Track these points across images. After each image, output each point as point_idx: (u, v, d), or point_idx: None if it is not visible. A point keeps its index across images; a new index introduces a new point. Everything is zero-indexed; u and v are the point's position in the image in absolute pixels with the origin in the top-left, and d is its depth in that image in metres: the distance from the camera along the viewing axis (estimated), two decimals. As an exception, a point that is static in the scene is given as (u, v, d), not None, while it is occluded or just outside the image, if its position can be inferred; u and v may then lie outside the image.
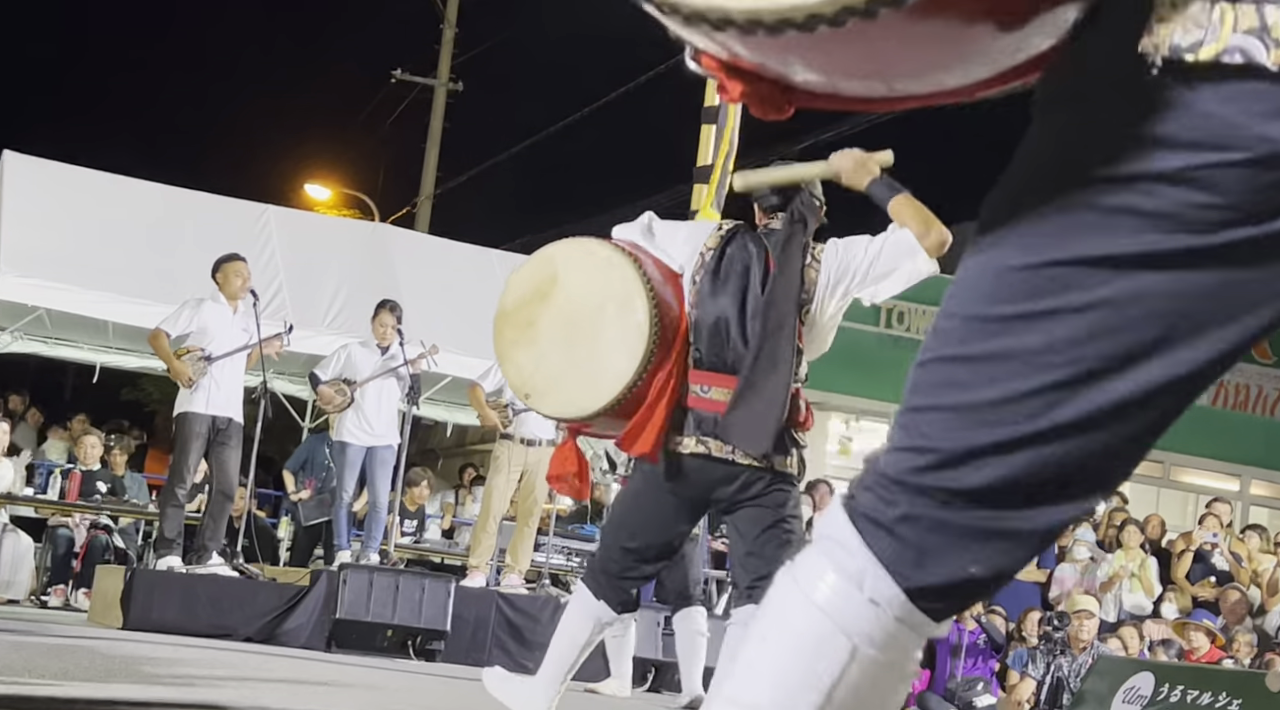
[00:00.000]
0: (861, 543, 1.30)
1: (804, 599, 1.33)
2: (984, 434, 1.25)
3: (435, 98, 22.80)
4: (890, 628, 1.30)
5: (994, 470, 1.25)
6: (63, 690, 4.33)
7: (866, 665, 1.31)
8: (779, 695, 1.32)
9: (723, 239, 4.49)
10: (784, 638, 1.34)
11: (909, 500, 1.29)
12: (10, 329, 12.09)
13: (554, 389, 4.34)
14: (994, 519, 1.27)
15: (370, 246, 13.16)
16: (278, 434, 17.04)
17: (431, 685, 7.08)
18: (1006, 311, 1.24)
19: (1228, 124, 1.14)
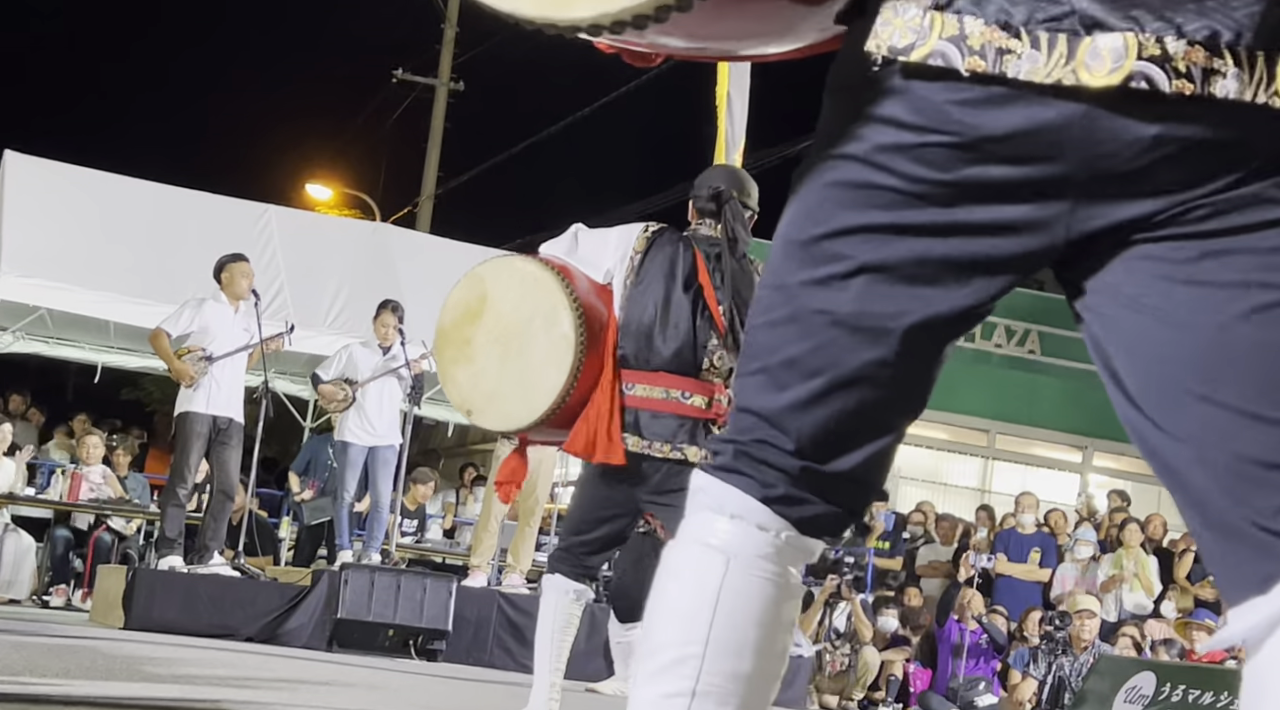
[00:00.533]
0: (715, 480, 1.51)
1: (683, 542, 1.52)
2: (786, 395, 1.47)
3: (436, 97, 22.80)
4: (755, 536, 1.48)
5: (801, 427, 1.47)
6: (64, 690, 4.34)
7: (742, 573, 1.47)
8: (679, 624, 1.48)
9: (649, 240, 4.62)
10: (673, 578, 1.51)
11: (741, 447, 1.50)
12: (12, 329, 12.10)
13: (491, 404, 4.55)
14: (815, 467, 1.49)
15: (371, 246, 13.16)
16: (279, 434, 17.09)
17: (433, 685, 7.09)
18: (791, 281, 1.48)
19: (938, 110, 1.38)
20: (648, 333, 4.51)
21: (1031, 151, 1.37)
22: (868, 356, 1.46)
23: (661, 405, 4.49)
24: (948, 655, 11.10)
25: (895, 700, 11.02)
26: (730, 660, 1.46)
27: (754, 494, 1.49)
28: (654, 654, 1.50)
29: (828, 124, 1.49)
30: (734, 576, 1.47)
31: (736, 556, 1.48)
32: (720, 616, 1.46)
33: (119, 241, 11.63)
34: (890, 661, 11.02)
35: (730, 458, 1.51)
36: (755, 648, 1.48)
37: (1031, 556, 12.04)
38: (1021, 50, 1.35)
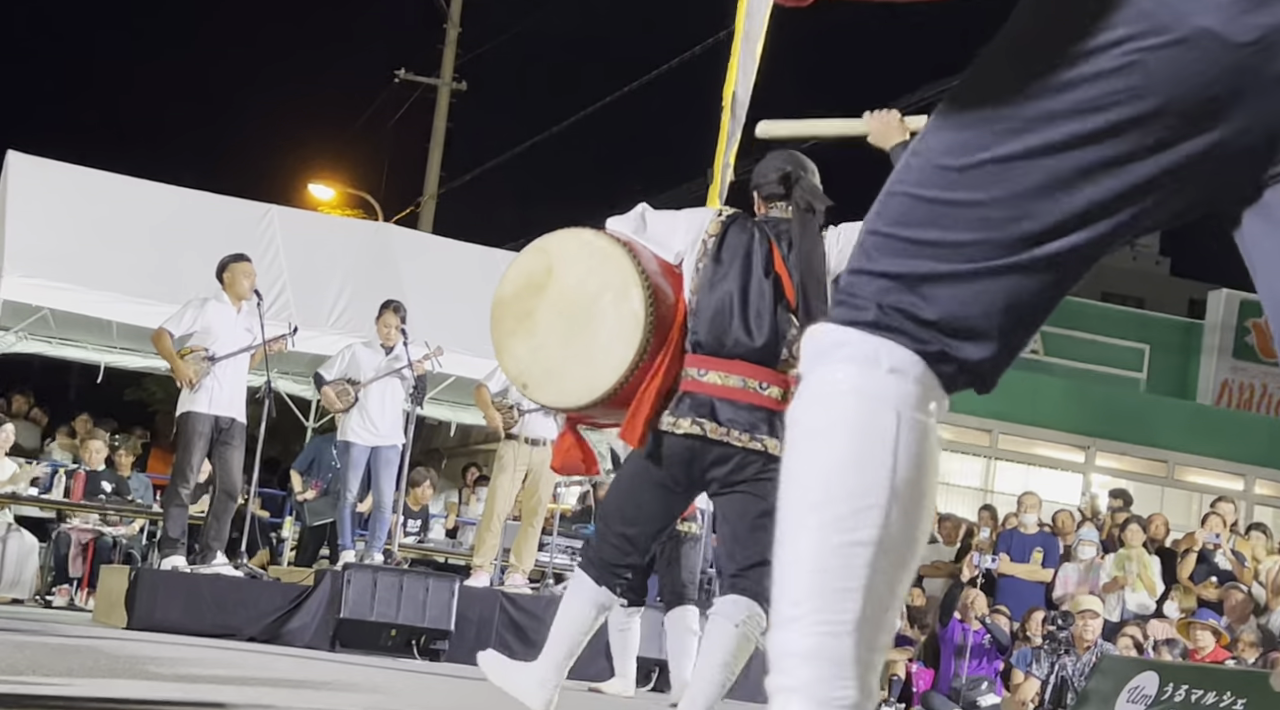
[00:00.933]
0: (860, 332, 1.45)
1: (834, 392, 1.45)
2: (927, 266, 1.43)
3: (439, 97, 22.81)
4: (914, 392, 1.44)
5: (943, 303, 1.43)
6: (67, 690, 4.34)
7: (912, 429, 1.44)
8: (858, 473, 1.43)
9: (723, 225, 4.54)
10: (837, 429, 1.44)
11: (878, 306, 1.45)
12: (15, 329, 12.11)
13: (551, 379, 4.39)
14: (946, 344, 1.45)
15: (374, 246, 13.16)
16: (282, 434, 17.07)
17: (435, 685, 7.09)
18: (963, 162, 1.40)
19: (1170, 7, 1.28)
20: (725, 320, 4.41)
21: (1266, 57, 1.29)
22: (1025, 256, 1.41)
23: (739, 394, 4.38)
24: (950, 655, 11.09)
25: (898, 700, 11.01)
26: (907, 511, 1.44)
27: (910, 348, 1.44)
28: (827, 504, 1.44)
29: (1031, 22, 1.40)
30: (907, 430, 1.44)
31: (904, 410, 1.44)
32: (901, 469, 1.43)
33: (122, 242, 11.64)
34: (893, 661, 11.02)
35: (874, 313, 1.45)
36: (924, 498, 1.47)
37: (1034, 556, 12.03)
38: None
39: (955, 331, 1.44)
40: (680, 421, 4.37)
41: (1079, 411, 16.74)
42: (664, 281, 4.42)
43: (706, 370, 4.40)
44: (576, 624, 4.53)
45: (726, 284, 4.44)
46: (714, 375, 4.39)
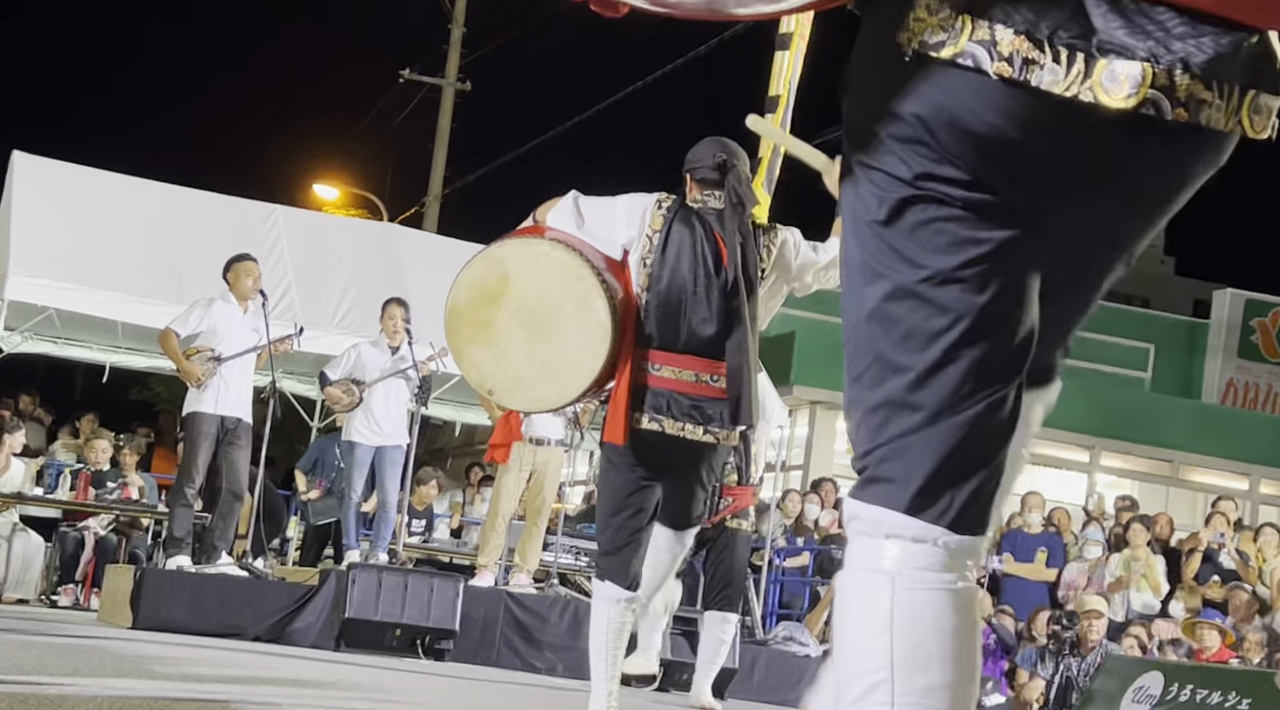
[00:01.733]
0: (863, 504, 1.55)
1: (850, 571, 1.56)
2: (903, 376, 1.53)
3: (443, 97, 22.81)
4: (912, 550, 1.51)
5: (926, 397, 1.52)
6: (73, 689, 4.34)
7: (909, 591, 1.49)
8: (860, 654, 1.51)
9: (665, 218, 4.61)
10: (848, 610, 1.56)
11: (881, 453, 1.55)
12: (20, 329, 12.12)
13: (518, 387, 4.57)
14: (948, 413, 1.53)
15: (378, 246, 13.17)
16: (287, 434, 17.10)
17: (440, 685, 7.09)
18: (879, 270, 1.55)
19: (961, 104, 1.46)
20: (675, 315, 4.53)
21: (1035, 156, 1.47)
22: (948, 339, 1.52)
23: (692, 388, 4.52)
24: (955, 655, 11.08)
25: (902, 700, 11.01)
26: (919, 676, 1.48)
27: (898, 504, 1.52)
28: (848, 687, 1.52)
29: (863, 101, 1.56)
30: (902, 595, 1.50)
31: (900, 574, 1.51)
32: (898, 637, 1.48)
33: (127, 242, 11.65)
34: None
35: (873, 467, 1.56)
36: (941, 657, 1.49)
37: (1038, 556, 12.03)
38: (1044, 62, 1.43)
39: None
40: (641, 417, 4.51)
41: (1084, 411, 16.71)
42: (614, 280, 4.56)
43: (660, 365, 4.53)
44: (609, 628, 4.59)
45: (675, 279, 4.54)
46: (667, 370, 4.53)
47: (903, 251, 1.51)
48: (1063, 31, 1.43)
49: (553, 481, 9.70)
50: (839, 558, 11.30)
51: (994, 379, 1.52)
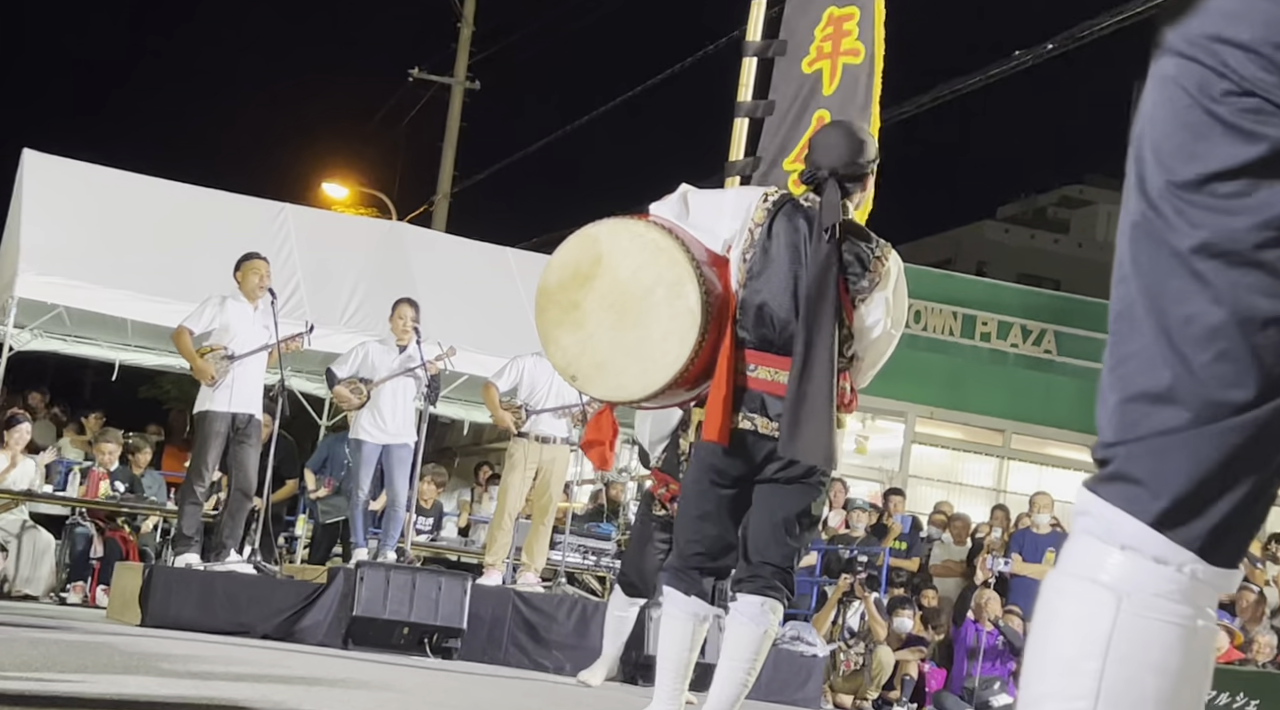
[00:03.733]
0: (1099, 499, 1.33)
1: (1065, 575, 1.35)
2: (1196, 370, 1.30)
3: (453, 96, 22.83)
4: (1148, 569, 1.29)
5: (1207, 389, 1.29)
6: (82, 686, 4.35)
7: (1136, 616, 1.29)
8: (1063, 675, 1.31)
9: (769, 212, 4.43)
10: (1055, 619, 1.34)
11: (1129, 446, 1.33)
12: (30, 327, 12.14)
13: (603, 373, 4.34)
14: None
15: (387, 245, 13.18)
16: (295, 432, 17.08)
17: (448, 683, 7.10)
18: (1182, 245, 1.30)
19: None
20: (773, 315, 4.35)
21: None
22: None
23: (785, 389, 4.30)
24: (963, 656, 11.08)
25: (910, 700, 11.01)
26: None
27: (1144, 513, 1.30)
28: (1036, 704, 1.35)
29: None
30: (1127, 620, 1.29)
31: (1130, 596, 1.30)
32: (1111, 666, 1.29)
33: (136, 240, 11.67)
34: (905, 661, 11.01)
35: (1120, 463, 1.33)
36: (1158, 701, 1.29)
37: (1047, 557, 12.02)
38: None
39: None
40: (735, 418, 4.33)
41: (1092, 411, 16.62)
42: (713, 274, 4.35)
43: (757, 366, 4.36)
44: (678, 644, 4.43)
45: (774, 278, 4.36)
46: (763, 371, 4.35)
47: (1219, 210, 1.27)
48: None
49: (559, 480, 9.71)
50: (846, 557, 11.31)
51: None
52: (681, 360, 4.22)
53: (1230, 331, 1.27)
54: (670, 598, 4.47)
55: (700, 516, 4.43)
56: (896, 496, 13.41)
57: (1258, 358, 1.27)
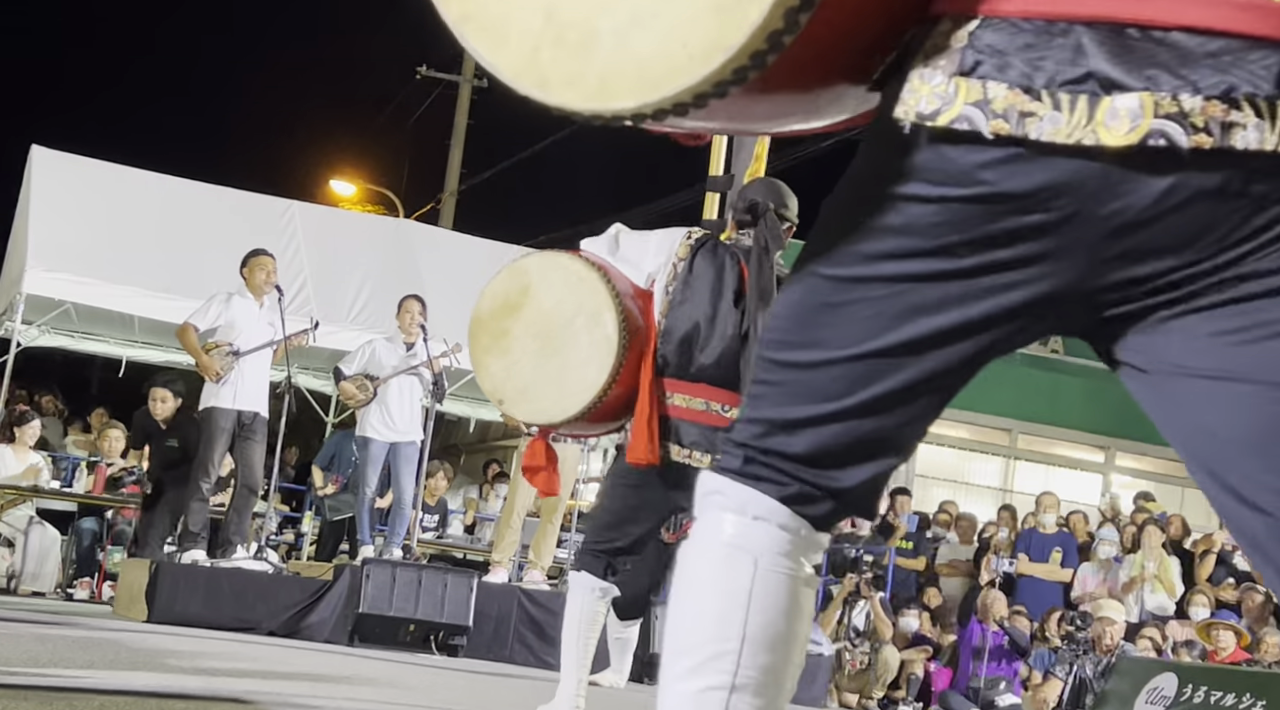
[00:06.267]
0: (733, 482, 1.60)
1: (705, 544, 1.60)
2: (804, 408, 1.56)
3: (460, 94, 22.84)
4: (778, 536, 1.57)
5: (811, 439, 1.56)
6: (88, 682, 4.36)
7: (769, 574, 1.56)
8: (709, 627, 1.56)
9: (692, 248, 4.64)
10: (700, 580, 1.60)
11: (754, 454, 1.59)
12: (37, 323, 12.17)
13: (525, 397, 4.59)
14: (820, 477, 1.58)
15: (394, 242, 13.20)
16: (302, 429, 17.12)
17: (454, 680, 7.11)
18: (818, 311, 1.55)
19: (963, 171, 1.44)
20: (689, 342, 4.55)
21: (1049, 206, 1.42)
22: (878, 389, 1.54)
23: (701, 416, 4.54)
24: (969, 655, 11.07)
25: (916, 699, 11.00)
26: (763, 654, 1.56)
27: (773, 495, 1.57)
28: (688, 652, 1.57)
29: (859, 173, 1.55)
30: (763, 576, 1.56)
31: (763, 555, 1.56)
32: (754, 615, 1.55)
33: (144, 236, 11.70)
34: (910, 661, 11.01)
35: (743, 462, 1.60)
36: (784, 639, 1.58)
37: (1053, 556, 12.01)
38: (1043, 112, 1.39)
39: (823, 463, 1.57)
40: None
41: (1098, 411, 16.67)
42: (635, 305, 4.58)
43: (673, 393, 4.56)
44: (582, 617, 4.71)
45: (694, 308, 4.56)
46: (679, 398, 4.56)
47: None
48: (1060, 77, 1.39)
49: (568, 479, 9.71)
50: (851, 557, 11.30)
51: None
52: (598, 386, 4.45)
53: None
54: (574, 579, 4.78)
55: (606, 524, 4.76)
56: (902, 496, 13.40)
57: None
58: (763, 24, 1.35)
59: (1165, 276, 1.44)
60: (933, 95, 1.45)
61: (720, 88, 1.39)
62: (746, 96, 1.45)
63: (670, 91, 1.40)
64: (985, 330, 1.51)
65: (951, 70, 1.44)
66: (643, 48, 1.41)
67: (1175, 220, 1.40)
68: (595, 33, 1.43)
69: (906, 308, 1.51)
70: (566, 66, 1.45)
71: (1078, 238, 1.43)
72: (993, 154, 1.42)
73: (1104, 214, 1.41)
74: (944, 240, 1.47)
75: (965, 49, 1.44)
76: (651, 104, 1.42)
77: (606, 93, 1.44)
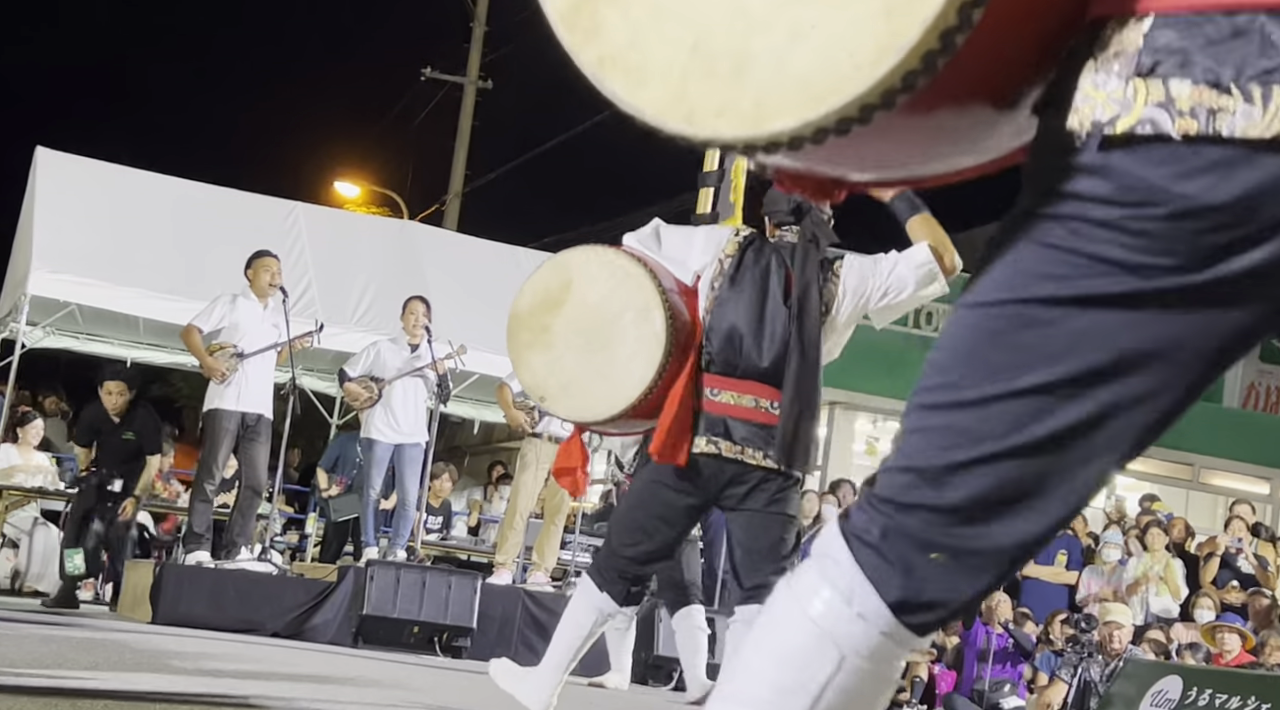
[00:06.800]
0: (851, 559, 1.44)
1: (800, 612, 1.47)
2: (960, 452, 1.40)
3: (465, 96, 22.84)
4: (876, 640, 1.44)
5: (967, 487, 1.40)
6: (92, 683, 4.36)
7: (853, 674, 1.44)
8: (773, 696, 1.45)
9: (740, 246, 4.62)
10: (780, 646, 1.47)
11: (893, 518, 1.43)
12: (42, 324, 12.18)
13: (569, 393, 4.50)
14: (968, 537, 1.42)
15: (399, 244, 13.20)
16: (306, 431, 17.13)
17: (457, 681, 7.10)
18: (980, 343, 1.41)
19: (1146, 183, 1.31)
20: (739, 340, 4.51)
21: (1259, 213, 1.30)
22: (1054, 424, 1.40)
23: (751, 414, 4.50)
24: (973, 658, 11.06)
25: (920, 701, 10.99)
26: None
27: (888, 595, 1.43)
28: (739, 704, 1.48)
29: (1031, 200, 1.42)
30: (844, 677, 1.44)
31: (850, 656, 1.44)
32: (820, 707, 1.44)
33: (149, 238, 11.70)
34: (915, 663, 10.99)
35: (877, 535, 1.44)
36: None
37: (1058, 559, 12.00)
38: (1235, 107, 1.28)
39: (972, 517, 1.42)
40: (697, 440, 4.49)
41: (1104, 413, 16.66)
42: (681, 302, 4.53)
43: (720, 390, 4.51)
44: (579, 629, 4.62)
45: (741, 305, 4.53)
46: (727, 395, 4.51)
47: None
48: (1249, 69, 1.28)
49: (571, 480, 9.69)
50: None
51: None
52: (646, 382, 4.38)
53: None
54: (585, 587, 4.65)
55: (638, 527, 4.59)
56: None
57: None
58: (936, 19, 1.27)
59: None
60: (1109, 101, 1.33)
61: (889, 96, 1.30)
62: (909, 116, 1.35)
63: (836, 104, 1.31)
64: (1185, 358, 1.39)
65: (1128, 73, 1.33)
66: (803, 63, 1.33)
67: None
68: (750, 56, 1.35)
69: (1089, 332, 1.37)
70: (718, 97, 1.37)
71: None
72: (1188, 164, 1.30)
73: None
74: (1136, 258, 1.34)
75: (1141, 50, 1.32)
76: (814, 122, 1.33)
77: (762, 116, 1.35)
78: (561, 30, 1.48)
